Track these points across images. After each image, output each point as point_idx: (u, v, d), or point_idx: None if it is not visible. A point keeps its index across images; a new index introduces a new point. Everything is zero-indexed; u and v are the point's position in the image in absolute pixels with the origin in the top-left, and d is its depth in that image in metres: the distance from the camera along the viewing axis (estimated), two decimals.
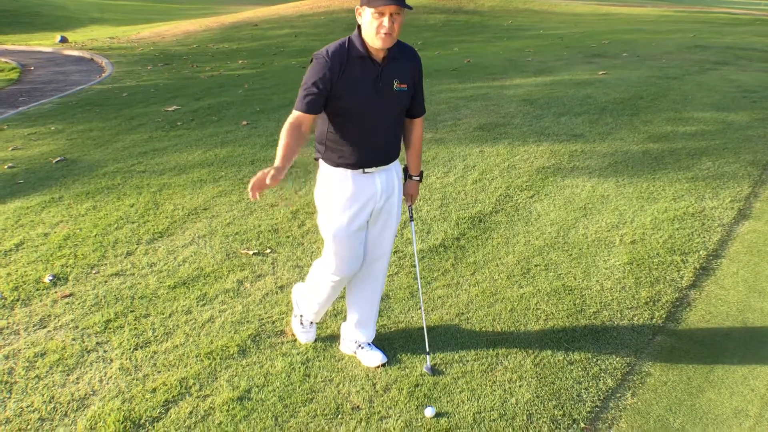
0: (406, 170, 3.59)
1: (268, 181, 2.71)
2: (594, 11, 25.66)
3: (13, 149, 8.12)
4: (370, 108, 3.09)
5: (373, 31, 2.96)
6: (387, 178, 3.32)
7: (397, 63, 3.15)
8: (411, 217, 3.71)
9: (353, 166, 3.21)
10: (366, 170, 3.23)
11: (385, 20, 2.93)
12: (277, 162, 2.86)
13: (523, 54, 13.85)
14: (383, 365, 3.58)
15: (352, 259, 3.37)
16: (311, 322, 3.79)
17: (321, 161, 3.30)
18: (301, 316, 3.78)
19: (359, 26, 3.06)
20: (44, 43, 21.97)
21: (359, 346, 3.65)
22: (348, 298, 3.69)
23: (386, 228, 3.43)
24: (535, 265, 4.67)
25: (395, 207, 3.41)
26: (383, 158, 3.27)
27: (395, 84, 3.14)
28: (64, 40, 21.78)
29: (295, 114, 3.04)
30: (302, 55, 15.68)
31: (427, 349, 3.65)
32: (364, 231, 3.38)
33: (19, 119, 10.08)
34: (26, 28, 29.18)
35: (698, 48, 13.79)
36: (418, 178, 3.58)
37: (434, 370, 3.54)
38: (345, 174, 3.22)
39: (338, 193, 3.24)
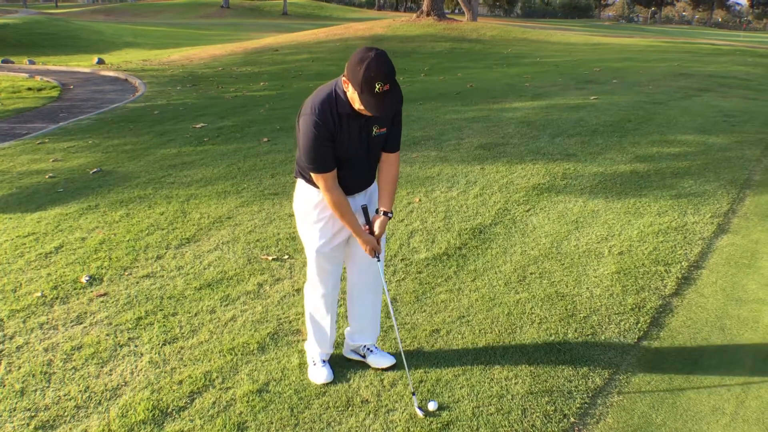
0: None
1: (373, 251, 3.25)
2: (586, 41, 25.72)
3: (53, 161, 8.19)
4: (355, 154, 3.09)
5: (363, 108, 2.88)
6: (365, 196, 3.31)
7: None
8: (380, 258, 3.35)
9: None
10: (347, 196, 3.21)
11: None
12: (361, 236, 3.20)
13: (521, 80, 13.89)
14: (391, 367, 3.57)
15: (335, 271, 3.37)
16: (323, 360, 3.56)
17: (301, 180, 3.25)
18: (313, 358, 3.58)
19: (342, 80, 2.93)
20: (83, 64, 22.16)
21: (368, 349, 3.61)
22: (350, 312, 3.61)
23: None
24: (531, 273, 4.69)
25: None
26: (364, 186, 3.28)
27: (375, 129, 3.10)
28: (101, 61, 21.95)
29: (321, 177, 3.02)
30: (319, 78, 15.74)
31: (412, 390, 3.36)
32: (345, 244, 3.37)
33: (60, 133, 10.17)
34: (66, 50, 29.46)
35: (682, 76, 13.79)
36: (390, 215, 3.29)
37: (424, 411, 3.24)
38: None
39: (321, 212, 3.22)
